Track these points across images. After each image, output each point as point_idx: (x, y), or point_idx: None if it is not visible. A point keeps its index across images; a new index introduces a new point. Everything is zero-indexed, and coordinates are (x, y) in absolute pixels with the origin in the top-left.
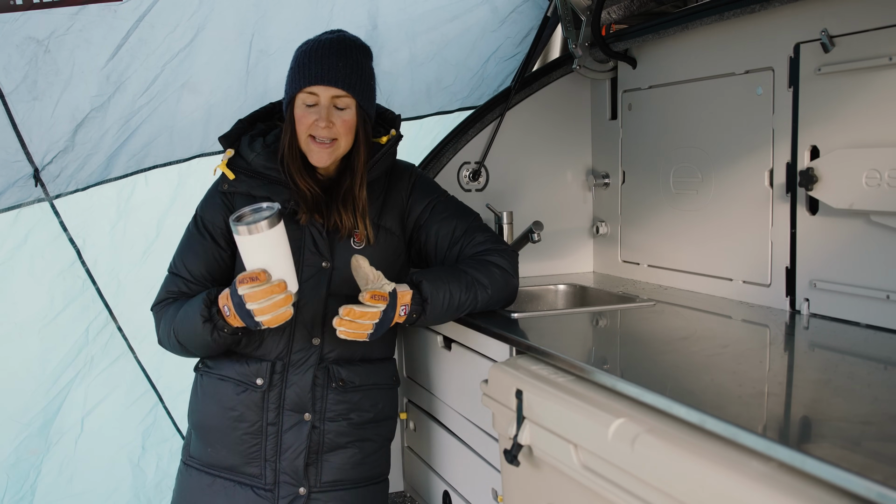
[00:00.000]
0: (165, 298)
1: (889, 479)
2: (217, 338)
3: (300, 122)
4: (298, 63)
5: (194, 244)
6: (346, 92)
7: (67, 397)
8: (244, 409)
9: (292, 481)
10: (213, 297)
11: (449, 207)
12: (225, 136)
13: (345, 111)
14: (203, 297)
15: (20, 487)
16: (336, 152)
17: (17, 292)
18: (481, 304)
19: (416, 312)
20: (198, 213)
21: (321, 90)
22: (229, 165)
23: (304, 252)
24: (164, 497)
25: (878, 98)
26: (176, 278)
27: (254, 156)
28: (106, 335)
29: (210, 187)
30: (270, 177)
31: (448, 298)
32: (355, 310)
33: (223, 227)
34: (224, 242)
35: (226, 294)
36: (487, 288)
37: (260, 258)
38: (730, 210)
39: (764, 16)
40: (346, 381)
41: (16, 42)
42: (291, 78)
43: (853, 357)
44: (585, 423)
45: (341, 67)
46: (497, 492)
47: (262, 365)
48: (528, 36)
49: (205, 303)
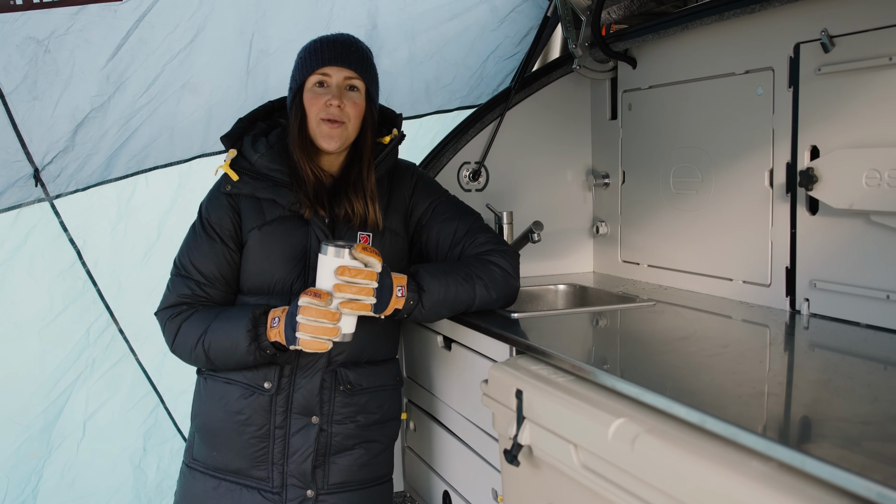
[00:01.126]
0: (179, 303)
1: (889, 479)
2: (258, 357)
3: (311, 104)
4: (308, 52)
5: (203, 245)
6: (357, 74)
7: (69, 400)
8: (251, 412)
9: (300, 484)
10: (258, 315)
11: (451, 208)
12: (227, 135)
13: (355, 94)
14: (248, 314)
15: (22, 491)
16: (345, 135)
17: (17, 292)
18: (479, 301)
19: (412, 299)
20: (203, 215)
21: (334, 71)
22: (232, 166)
23: (311, 254)
24: (165, 498)
25: (878, 98)
26: (187, 280)
27: (257, 156)
28: (107, 337)
29: (212, 188)
30: (275, 178)
31: (444, 289)
32: (349, 268)
33: (231, 228)
34: (233, 244)
35: (282, 308)
36: (487, 285)
37: (332, 283)
38: (730, 210)
39: (764, 16)
40: (354, 383)
41: (16, 42)
42: (301, 65)
43: (853, 357)
44: (585, 423)
45: (353, 52)
46: (497, 492)
47: (271, 368)
48: (527, 35)
49: (251, 321)
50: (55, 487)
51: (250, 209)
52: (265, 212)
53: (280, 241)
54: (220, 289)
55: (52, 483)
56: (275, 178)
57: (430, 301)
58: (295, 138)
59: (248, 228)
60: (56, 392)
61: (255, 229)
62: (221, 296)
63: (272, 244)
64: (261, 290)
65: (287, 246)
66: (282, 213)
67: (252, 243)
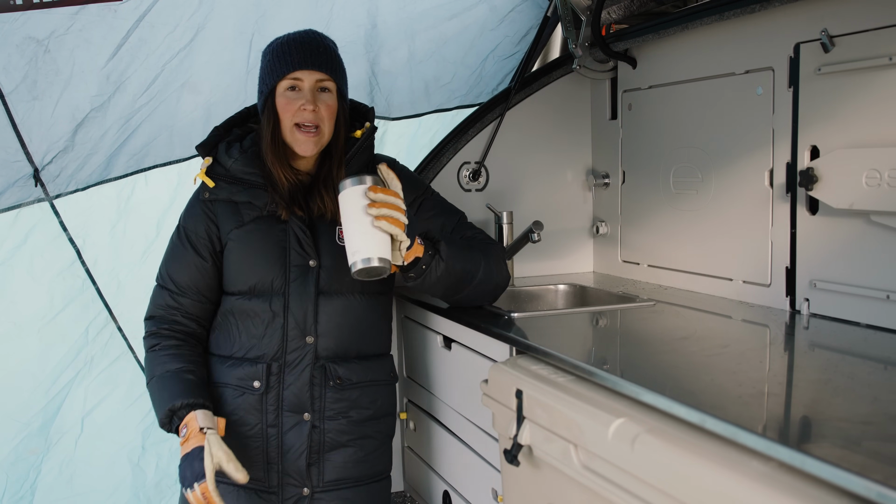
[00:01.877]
0: (153, 317)
1: (889, 479)
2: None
3: (284, 110)
4: (276, 55)
5: (178, 255)
6: (328, 76)
7: (67, 397)
8: (243, 412)
9: (296, 482)
10: (177, 408)
11: (436, 205)
12: (202, 144)
13: (327, 95)
14: (167, 408)
15: (20, 487)
16: (321, 140)
17: (17, 292)
18: (483, 272)
19: (430, 250)
20: (181, 224)
21: (305, 74)
22: (208, 173)
23: (290, 252)
24: (164, 496)
25: (878, 98)
26: (163, 291)
27: (231, 161)
28: (106, 335)
29: (191, 197)
30: (250, 181)
31: (457, 249)
32: (380, 188)
33: (206, 237)
34: (207, 253)
35: (193, 426)
36: (488, 256)
37: (363, 205)
38: (730, 210)
39: (764, 16)
40: (344, 378)
41: (16, 42)
42: (270, 69)
43: (853, 357)
44: (585, 423)
45: (321, 52)
46: (497, 492)
47: (258, 367)
48: (526, 35)
49: (166, 416)
50: (53, 483)
51: (227, 213)
52: (242, 214)
53: (259, 242)
54: (192, 298)
55: (50, 479)
56: (249, 181)
57: (446, 253)
58: (268, 144)
59: (226, 231)
60: (55, 389)
61: (235, 230)
62: (194, 305)
63: (251, 244)
64: (242, 290)
65: (266, 245)
66: (259, 214)
67: (232, 245)
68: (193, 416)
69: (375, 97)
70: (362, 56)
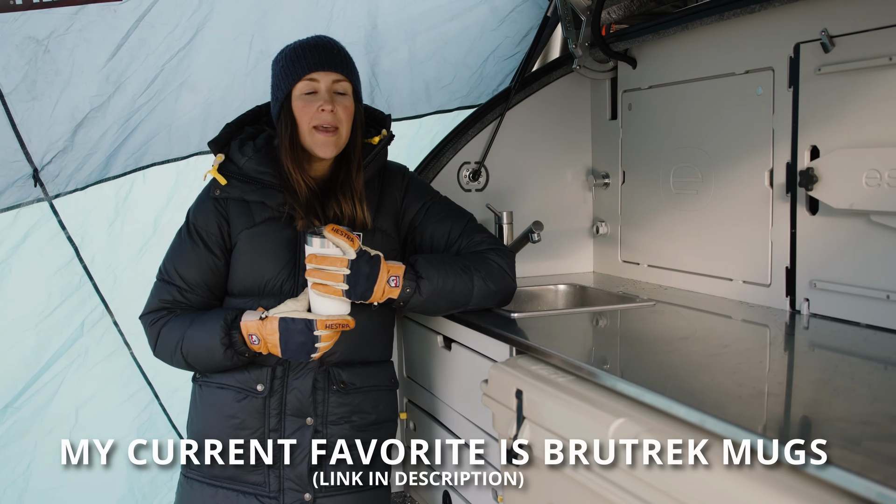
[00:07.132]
0: (159, 308)
1: (889, 479)
2: (236, 362)
3: (302, 113)
4: (289, 59)
5: (187, 251)
6: (344, 77)
7: (62, 386)
8: (245, 416)
9: (297, 487)
10: (230, 321)
11: (444, 209)
12: (214, 140)
13: (344, 97)
14: (220, 323)
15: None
16: (339, 142)
17: (15, 290)
18: (477, 294)
19: (409, 287)
20: (190, 220)
21: (321, 76)
22: (220, 170)
23: (300, 254)
24: (159, 491)
25: (878, 98)
26: (168, 286)
27: (245, 160)
28: (101, 328)
29: (200, 193)
30: (263, 181)
31: (443, 279)
32: (317, 255)
33: (217, 234)
34: (218, 250)
35: (255, 324)
36: (485, 278)
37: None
38: (730, 210)
39: (764, 16)
40: (347, 382)
41: (15, 42)
42: (285, 74)
43: (853, 357)
44: (585, 423)
45: (336, 54)
46: (497, 492)
47: (262, 371)
48: (527, 35)
49: (223, 329)
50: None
51: (239, 212)
52: (254, 214)
53: (270, 242)
54: (201, 295)
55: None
56: (263, 181)
57: (428, 289)
58: (286, 148)
59: (237, 231)
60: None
61: (246, 230)
62: (203, 302)
63: (262, 245)
64: (251, 291)
65: (277, 246)
66: (271, 215)
67: (242, 245)
68: (247, 324)
69: (376, 98)
70: (362, 57)
